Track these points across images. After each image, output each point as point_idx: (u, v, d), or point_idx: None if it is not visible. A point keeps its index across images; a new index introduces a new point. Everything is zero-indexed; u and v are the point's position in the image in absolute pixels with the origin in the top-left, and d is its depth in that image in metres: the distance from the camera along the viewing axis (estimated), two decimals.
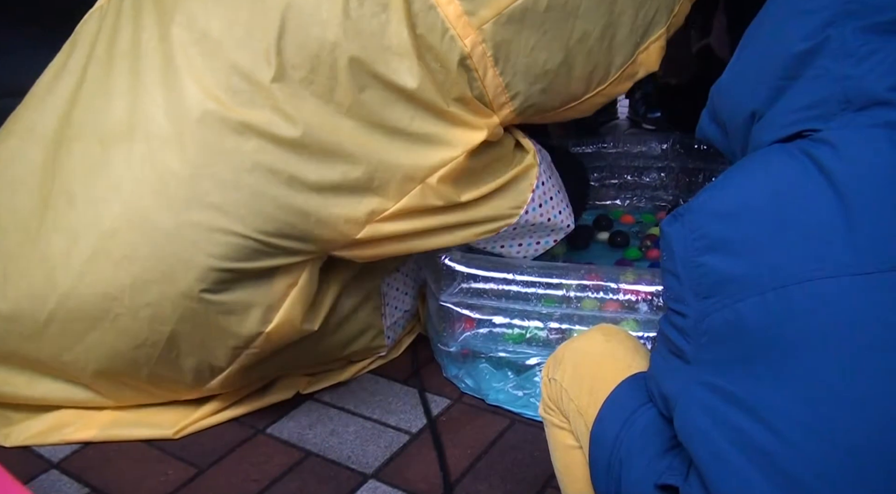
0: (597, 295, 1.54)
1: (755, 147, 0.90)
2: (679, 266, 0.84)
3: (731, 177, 0.86)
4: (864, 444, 0.71)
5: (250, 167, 1.40)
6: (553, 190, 1.74)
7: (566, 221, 1.78)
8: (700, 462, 0.80)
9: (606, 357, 1.06)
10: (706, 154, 2.40)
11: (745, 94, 0.93)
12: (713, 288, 0.80)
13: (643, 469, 0.89)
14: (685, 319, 0.83)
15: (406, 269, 1.81)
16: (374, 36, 1.42)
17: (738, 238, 0.80)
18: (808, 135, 0.84)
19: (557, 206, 1.75)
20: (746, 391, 0.77)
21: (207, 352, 1.48)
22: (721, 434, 0.78)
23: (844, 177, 0.77)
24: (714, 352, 0.81)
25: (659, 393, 0.90)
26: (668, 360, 0.88)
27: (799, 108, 0.85)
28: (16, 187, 1.54)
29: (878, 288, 0.73)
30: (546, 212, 1.71)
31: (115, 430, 1.59)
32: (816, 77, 0.85)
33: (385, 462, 1.49)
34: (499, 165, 1.63)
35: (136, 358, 1.48)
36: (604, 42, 1.59)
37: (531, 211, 1.67)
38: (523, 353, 1.61)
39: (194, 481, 1.46)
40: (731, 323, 0.78)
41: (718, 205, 0.84)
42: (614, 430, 0.95)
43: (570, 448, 1.08)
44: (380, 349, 1.77)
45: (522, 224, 1.68)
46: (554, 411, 1.10)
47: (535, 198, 1.67)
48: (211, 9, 1.47)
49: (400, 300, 1.80)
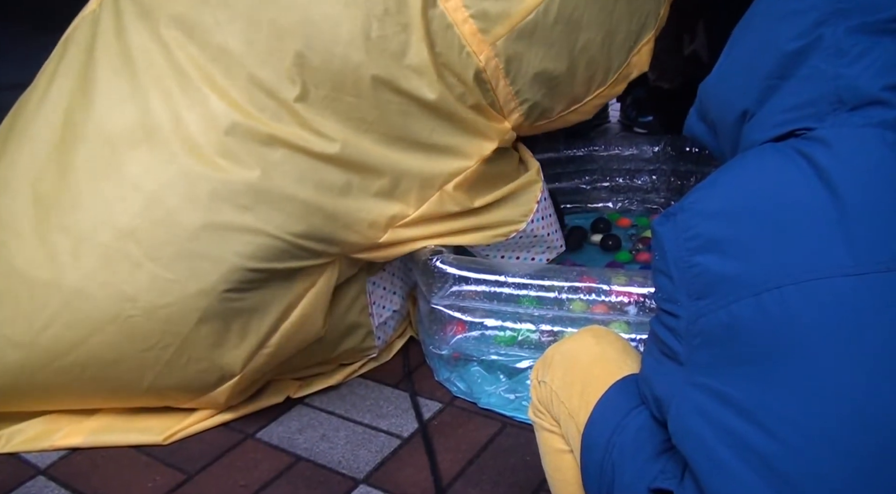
0: (588, 297, 1.54)
1: (746, 146, 0.90)
2: (671, 266, 0.83)
3: (722, 175, 0.85)
4: (862, 447, 0.70)
5: (281, 173, 1.45)
6: (550, 208, 1.85)
7: (559, 241, 1.89)
8: (695, 464, 0.79)
9: (597, 359, 1.05)
10: (697, 156, 2.40)
11: (736, 93, 0.92)
12: (707, 288, 0.79)
13: (636, 473, 0.88)
14: (678, 320, 0.82)
15: (392, 268, 1.82)
16: (396, 55, 1.50)
17: (731, 237, 0.79)
18: (801, 133, 0.83)
19: (554, 225, 1.85)
20: (741, 393, 0.76)
21: (221, 355, 1.48)
22: (716, 436, 0.77)
23: (839, 176, 0.76)
24: (708, 354, 0.80)
25: (652, 395, 0.89)
26: (660, 362, 0.87)
27: (791, 108, 0.85)
28: (16, 192, 1.53)
29: (873, 288, 0.72)
30: (546, 227, 1.81)
31: (104, 436, 1.57)
32: (808, 77, 0.84)
33: (376, 466, 1.48)
34: (506, 179, 1.74)
35: (143, 362, 1.47)
36: (604, 48, 1.68)
37: (536, 220, 1.76)
38: (515, 356, 1.60)
39: (183, 487, 1.44)
40: (725, 324, 0.77)
41: (710, 203, 0.82)
42: (606, 434, 0.94)
43: (560, 451, 1.06)
44: (370, 350, 1.77)
45: (528, 232, 1.76)
46: (544, 414, 1.09)
47: (539, 209, 1.77)
48: (227, 26, 1.51)
49: (388, 299, 1.80)
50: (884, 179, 0.76)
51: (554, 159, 2.46)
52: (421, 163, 1.58)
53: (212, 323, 1.44)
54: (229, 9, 1.51)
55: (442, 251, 1.65)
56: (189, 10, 1.53)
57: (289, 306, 1.50)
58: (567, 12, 1.58)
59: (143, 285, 1.42)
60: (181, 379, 1.50)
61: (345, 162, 1.50)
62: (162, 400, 1.57)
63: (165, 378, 1.49)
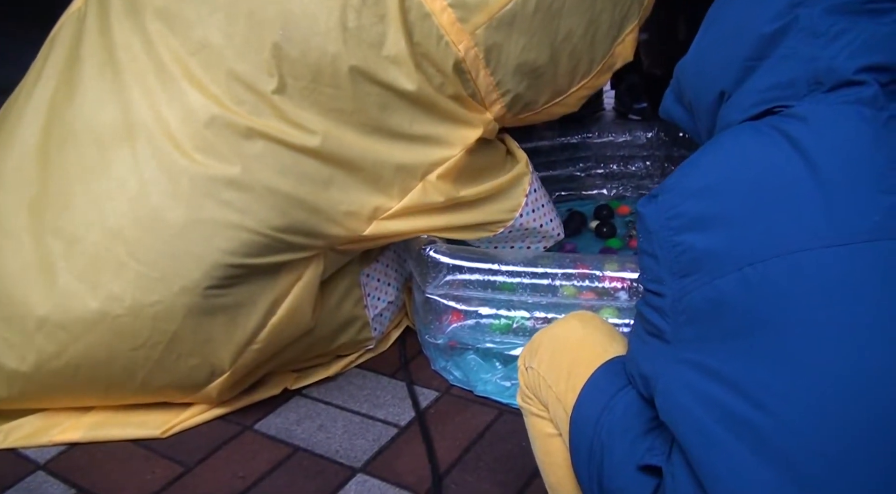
0: (582, 283, 1.54)
1: (723, 127, 0.90)
2: (656, 246, 0.83)
3: (703, 155, 0.85)
4: (855, 418, 0.70)
5: (262, 166, 1.44)
6: (544, 198, 1.82)
7: (556, 229, 1.87)
8: (684, 439, 0.79)
9: (583, 342, 1.05)
10: (691, 142, 2.40)
11: (713, 74, 0.92)
12: (691, 265, 0.80)
13: (625, 452, 0.89)
14: (663, 299, 0.83)
15: (386, 260, 1.82)
16: (374, 46, 1.49)
17: (713, 215, 0.79)
18: (779, 111, 0.84)
19: (549, 215, 1.83)
20: (729, 367, 0.76)
21: (211, 351, 1.48)
22: (705, 410, 0.77)
23: (817, 150, 0.77)
24: (694, 330, 0.80)
25: (639, 374, 0.89)
26: (646, 342, 0.88)
27: (768, 88, 0.85)
28: (7, 193, 1.53)
29: (857, 259, 0.73)
30: (538, 218, 1.79)
31: (102, 431, 1.58)
32: (785, 57, 0.84)
33: (373, 455, 1.49)
34: (493, 171, 1.72)
35: (134, 360, 1.47)
36: (586, 38, 1.66)
37: (525, 215, 1.75)
38: (510, 344, 1.61)
39: (181, 479, 1.45)
40: (710, 299, 0.78)
41: (692, 182, 0.83)
42: (594, 415, 0.94)
43: (549, 436, 1.07)
44: (367, 342, 1.77)
45: (517, 227, 1.75)
46: (532, 399, 1.09)
47: (528, 203, 1.75)
48: (207, 19, 1.50)
49: (382, 291, 1.80)
50: (861, 152, 0.76)
51: (547, 147, 2.46)
52: (402, 153, 1.56)
53: (198, 320, 1.44)
54: (210, 2, 1.51)
55: (435, 241, 1.65)
56: (172, 2, 1.52)
57: (275, 301, 1.50)
58: (547, 1, 1.56)
59: (130, 284, 1.42)
60: (172, 377, 1.51)
61: (326, 154, 1.49)
62: (155, 397, 1.58)
63: (157, 375, 1.50)
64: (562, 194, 2.49)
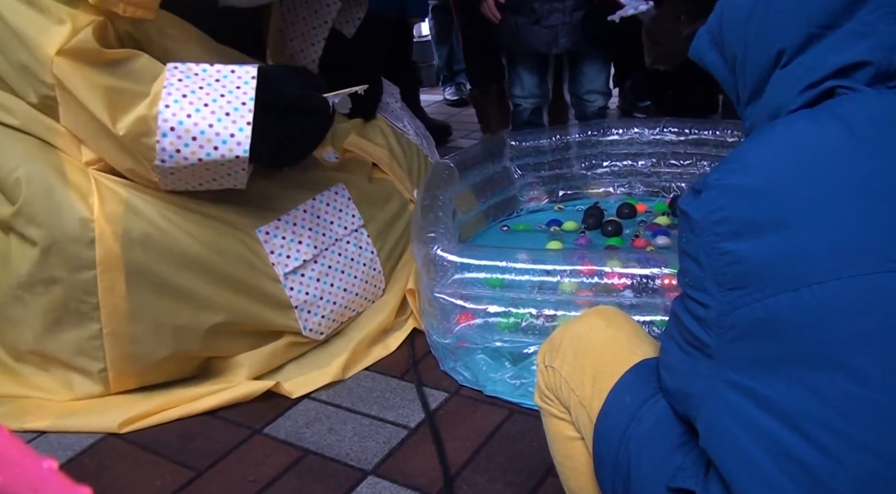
0: (591, 280, 1.53)
1: (773, 97, 0.80)
2: (700, 250, 0.75)
3: (751, 148, 0.77)
4: None
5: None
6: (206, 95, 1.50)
7: (238, 139, 1.49)
8: (724, 466, 0.74)
9: (608, 344, 0.99)
10: (696, 139, 2.40)
11: (772, 29, 0.80)
12: (740, 279, 0.72)
13: (653, 467, 0.84)
14: (707, 310, 0.76)
15: (291, 219, 1.78)
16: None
17: (765, 221, 0.71)
18: (842, 92, 0.76)
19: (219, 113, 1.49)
20: (779, 395, 0.70)
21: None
22: (750, 439, 0.71)
23: (883, 146, 0.68)
24: (742, 350, 0.73)
25: (679, 390, 0.82)
26: (687, 352, 0.80)
27: (831, 69, 0.76)
28: None
29: None
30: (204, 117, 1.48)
31: (69, 420, 1.61)
32: (858, 34, 0.75)
33: (384, 457, 1.48)
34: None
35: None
36: None
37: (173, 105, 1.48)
38: (520, 342, 1.60)
39: (192, 484, 1.44)
40: (761, 320, 0.70)
41: (740, 179, 0.74)
42: (621, 425, 0.88)
43: (570, 439, 1.02)
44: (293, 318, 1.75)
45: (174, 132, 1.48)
46: (552, 400, 1.04)
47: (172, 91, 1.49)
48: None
49: (292, 248, 1.76)
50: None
51: (552, 145, 2.46)
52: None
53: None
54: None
55: (440, 241, 1.64)
56: None
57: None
58: None
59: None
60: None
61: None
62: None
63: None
64: (567, 192, 2.49)
